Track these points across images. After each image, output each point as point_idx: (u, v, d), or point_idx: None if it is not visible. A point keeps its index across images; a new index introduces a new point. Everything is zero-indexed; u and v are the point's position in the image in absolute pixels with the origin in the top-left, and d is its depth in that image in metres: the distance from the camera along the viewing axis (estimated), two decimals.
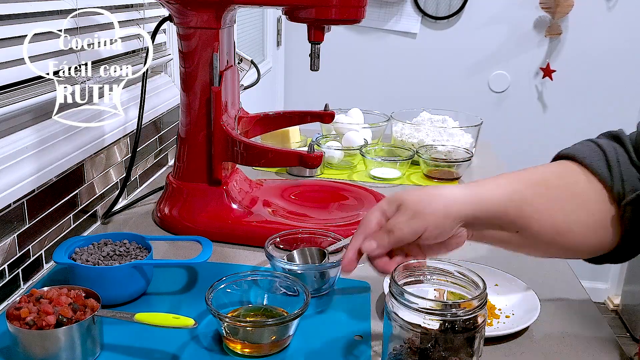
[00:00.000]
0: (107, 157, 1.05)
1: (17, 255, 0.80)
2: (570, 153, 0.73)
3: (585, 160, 0.70)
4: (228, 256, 0.91)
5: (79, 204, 0.95)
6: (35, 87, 0.83)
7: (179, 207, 0.98)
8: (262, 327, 0.66)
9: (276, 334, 0.66)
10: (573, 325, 0.75)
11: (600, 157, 0.70)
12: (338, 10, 0.86)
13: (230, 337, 0.66)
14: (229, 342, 0.66)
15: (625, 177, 0.68)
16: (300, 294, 0.70)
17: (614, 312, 2.78)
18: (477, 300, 0.55)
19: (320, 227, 0.91)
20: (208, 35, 0.91)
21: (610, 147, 0.71)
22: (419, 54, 2.54)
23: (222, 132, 0.93)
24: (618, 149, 0.71)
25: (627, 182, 0.68)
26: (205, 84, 0.93)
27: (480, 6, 2.46)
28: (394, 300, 0.56)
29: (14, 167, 0.79)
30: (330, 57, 2.22)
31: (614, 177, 0.68)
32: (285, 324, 0.66)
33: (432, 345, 0.54)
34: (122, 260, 0.77)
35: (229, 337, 0.66)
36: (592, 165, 0.70)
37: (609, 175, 0.69)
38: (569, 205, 0.69)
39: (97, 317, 0.64)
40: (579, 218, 0.69)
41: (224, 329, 0.66)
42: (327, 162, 1.35)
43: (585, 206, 0.69)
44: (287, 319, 0.66)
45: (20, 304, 0.63)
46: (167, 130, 1.32)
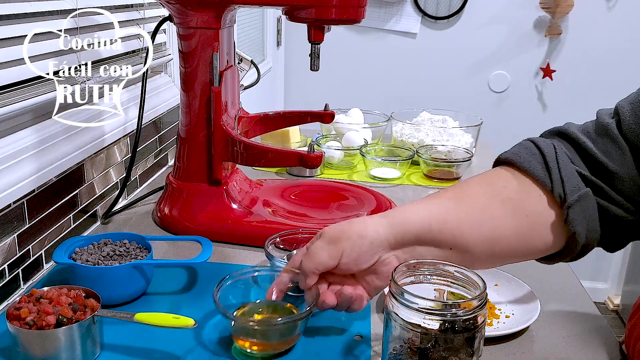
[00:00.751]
0: (107, 157, 1.05)
1: (17, 255, 0.80)
2: (507, 157, 0.71)
3: (523, 164, 0.68)
4: (228, 256, 0.91)
5: (79, 204, 0.95)
6: (35, 87, 0.83)
7: (179, 207, 0.98)
8: (274, 327, 0.66)
9: (287, 331, 0.66)
10: (573, 325, 0.75)
11: (538, 158, 0.68)
12: (338, 10, 0.86)
13: (240, 337, 0.66)
14: (238, 341, 0.66)
15: (565, 177, 0.66)
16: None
17: (614, 312, 2.78)
18: (477, 300, 0.55)
19: (320, 227, 0.90)
20: (208, 35, 0.91)
21: (550, 148, 0.68)
22: (419, 54, 2.54)
23: (222, 132, 0.93)
24: (559, 147, 0.68)
25: (567, 183, 0.65)
26: (205, 84, 0.93)
27: (480, 6, 2.46)
28: (394, 300, 0.56)
29: (14, 167, 0.79)
30: (330, 57, 2.23)
31: (553, 180, 0.66)
32: (298, 321, 0.66)
33: (432, 345, 0.54)
34: (122, 260, 0.77)
35: (239, 336, 0.66)
36: (530, 169, 0.67)
37: (547, 177, 0.66)
38: (497, 212, 0.67)
39: (97, 317, 0.64)
40: (509, 223, 0.66)
41: (233, 328, 0.66)
42: (327, 162, 1.35)
43: (516, 210, 0.67)
44: (299, 317, 0.65)
45: (20, 304, 0.63)
46: (167, 130, 1.32)
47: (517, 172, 0.69)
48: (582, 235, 0.65)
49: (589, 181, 0.66)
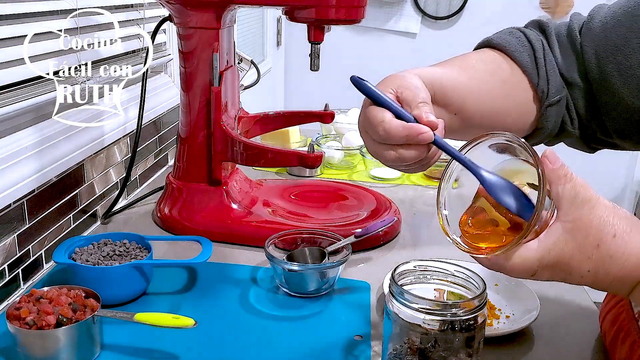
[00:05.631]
0: (107, 157, 1.05)
1: (17, 255, 0.80)
2: (498, 43, 0.72)
3: (514, 53, 0.70)
4: (228, 256, 0.91)
5: (79, 204, 0.95)
6: (35, 87, 0.83)
7: (179, 207, 0.98)
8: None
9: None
10: (573, 325, 0.75)
11: (528, 51, 0.70)
12: (338, 10, 0.86)
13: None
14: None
15: (551, 78, 0.69)
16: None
17: None
18: (477, 300, 0.55)
19: (320, 227, 0.91)
20: (208, 35, 0.91)
21: (539, 42, 0.71)
22: (419, 54, 2.54)
23: (222, 132, 0.93)
24: (545, 44, 0.71)
25: (552, 83, 0.69)
26: (205, 84, 0.93)
27: (480, 6, 2.46)
28: (394, 300, 0.56)
29: (14, 167, 0.79)
30: (330, 57, 2.22)
31: (540, 76, 0.69)
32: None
33: (432, 345, 0.54)
34: (122, 260, 0.77)
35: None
36: (520, 60, 0.69)
37: (535, 71, 0.69)
38: (498, 90, 0.69)
39: (97, 317, 0.64)
40: (507, 103, 0.69)
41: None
42: (327, 162, 1.35)
43: (512, 93, 0.70)
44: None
45: (20, 304, 0.63)
46: (167, 130, 1.32)
47: (507, 58, 0.71)
48: (547, 131, 0.72)
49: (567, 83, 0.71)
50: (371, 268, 0.89)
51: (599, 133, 0.72)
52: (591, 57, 0.68)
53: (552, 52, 0.71)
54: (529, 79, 0.70)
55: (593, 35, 0.69)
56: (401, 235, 1.00)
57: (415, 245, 0.98)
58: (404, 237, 1.00)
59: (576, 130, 0.72)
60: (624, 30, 0.66)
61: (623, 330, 0.64)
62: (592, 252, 0.49)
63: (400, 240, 0.99)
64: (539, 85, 0.69)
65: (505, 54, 0.71)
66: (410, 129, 0.55)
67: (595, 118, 0.71)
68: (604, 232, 0.48)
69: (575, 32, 0.70)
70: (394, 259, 0.91)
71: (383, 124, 0.55)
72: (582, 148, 0.76)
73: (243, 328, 0.72)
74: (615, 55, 0.67)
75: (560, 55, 0.71)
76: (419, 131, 0.54)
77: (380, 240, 0.95)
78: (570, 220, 0.49)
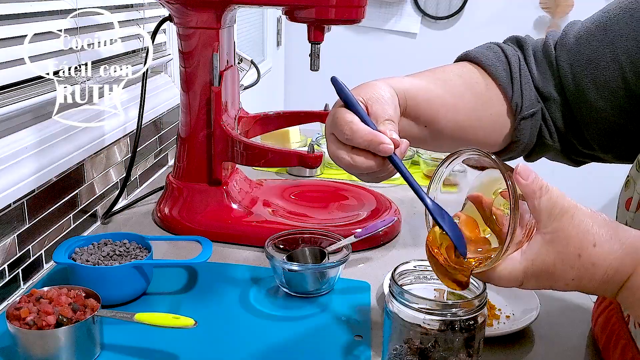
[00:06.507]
0: (107, 157, 1.05)
1: (17, 255, 0.80)
2: (475, 56, 0.73)
3: (490, 67, 0.71)
4: (228, 256, 0.91)
5: (79, 204, 0.95)
6: (35, 87, 0.83)
7: (179, 207, 0.98)
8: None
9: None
10: (573, 325, 0.75)
11: (504, 66, 0.71)
12: (338, 10, 0.86)
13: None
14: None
15: (525, 92, 0.70)
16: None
17: None
18: (477, 300, 0.55)
19: (320, 227, 0.91)
20: (208, 35, 0.91)
21: (515, 57, 0.72)
22: (419, 54, 2.54)
23: (222, 132, 0.93)
24: (521, 59, 0.72)
25: (525, 97, 0.70)
26: (205, 84, 0.93)
27: (480, 6, 2.46)
28: (394, 300, 0.56)
29: (14, 167, 0.79)
30: (330, 57, 2.22)
31: (514, 90, 0.70)
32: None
33: (432, 345, 0.54)
34: (122, 260, 0.77)
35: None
36: (496, 74, 0.70)
37: (510, 85, 0.70)
38: (471, 103, 0.69)
39: (97, 317, 0.64)
40: (480, 116, 0.70)
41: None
42: (327, 162, 1.35)
43: (485, 107, 0.70)
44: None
45: (20, 304, 0.63)
46: (167, 130, 1.32)
47: (483, 72, 0.72)
48: (523, 145, 0.72)
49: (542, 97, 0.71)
50: (371, 268, 0.89)
51: (579, 146, 0.72)
52: (567, 72, 0.69)
53: (528, 66, 0.72)
54: (504, 93, 0.70)
55: (567, 50, 0.69)
56: (401, 235, 1.00)
57: (415, 245, 0.98)
58: (404, 237, 1.00)
59: (556, 144, 0.73)
60: (597, 44, 0.67)
61: (615, 334, 0.64)
62: (574, 262, 0.49)
63: (400, 240, 0.99)
64: (513, 99, 0.70)
65: (481, 68, 0.72)
66: (376, 135, 0.56)
67: (574, 130, 0.71)
68: (585, 242, 0.49)
69: (551, 48, 0.71)
70: (394, 259, 0.91)
71: (351, 125, 0.57)
72: (564, 161, 0.76)
73: (243, 328, 0.72)
74: (590, 69, 0.67)
75: (536, 70, 0.71)
76: (382, 141, 0.56)
77: (380, 240, 0.95)
78: (549, 231, 0.50)
